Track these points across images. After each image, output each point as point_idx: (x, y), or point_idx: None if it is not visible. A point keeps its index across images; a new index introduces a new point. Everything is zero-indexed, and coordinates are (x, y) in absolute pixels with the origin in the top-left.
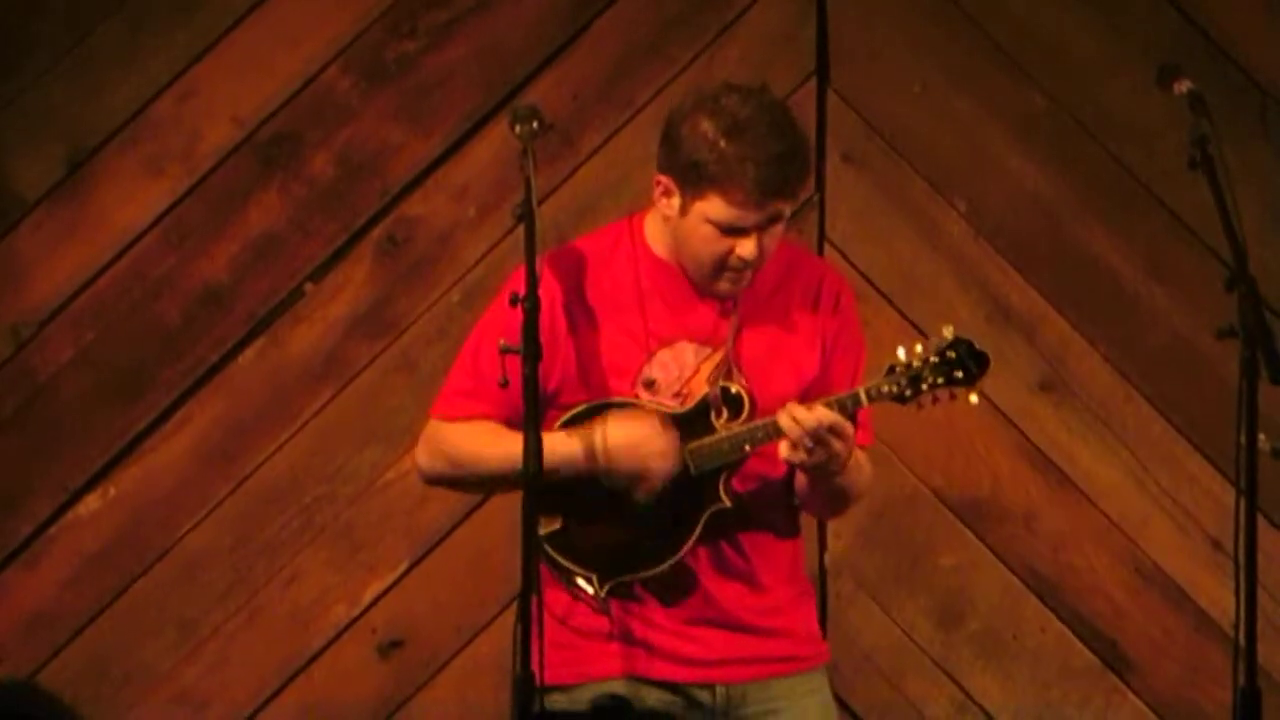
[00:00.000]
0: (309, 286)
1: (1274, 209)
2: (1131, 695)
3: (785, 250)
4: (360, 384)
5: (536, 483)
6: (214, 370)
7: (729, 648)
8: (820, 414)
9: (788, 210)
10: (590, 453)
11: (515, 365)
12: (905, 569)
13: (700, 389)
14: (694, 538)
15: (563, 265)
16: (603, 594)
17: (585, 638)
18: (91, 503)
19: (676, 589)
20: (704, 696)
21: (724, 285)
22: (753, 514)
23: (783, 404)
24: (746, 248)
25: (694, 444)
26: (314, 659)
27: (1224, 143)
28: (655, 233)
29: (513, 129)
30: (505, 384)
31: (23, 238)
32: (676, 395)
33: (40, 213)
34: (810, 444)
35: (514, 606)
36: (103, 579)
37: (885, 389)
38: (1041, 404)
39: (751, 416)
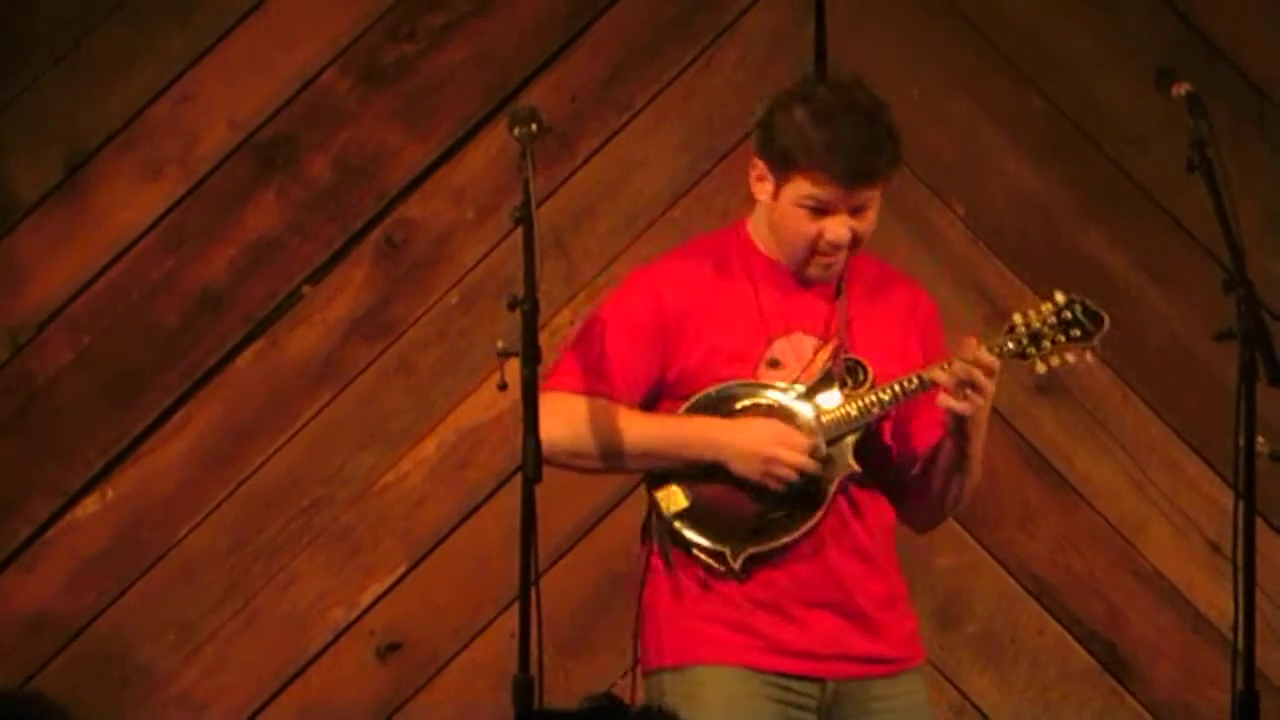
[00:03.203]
0: (307, 289)
1: (1272, 212)
2: (1129, 698)
3: (880, 266)
4: (359, 386)
5: (536, 482)
6: (212, 373)
7: (841, 640)
8: (979, 355)
9: (874, 196)
10: (719, 451)
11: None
12: (903, 571)
13: (813, 370)
14: (827, 503)
15: (678, 263)
16: (737, 566)
17: (704, 621)
18: (90, 505)
19: (804, 567)
20: (812, 690)
21: (816, 269)
22: (876, 489)
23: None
24: (834, 230)
25: (824, 412)
26: (312, 662)
27: (1222, 145)
28: (759, 231)
29: (511, 131)
30: (504, 386)
31: (20, 240)
32: (812, 375)
33: (38, 215)
34: (969, 391)
35: (513, 609)
36: (101, 581)
37: (1010, 345)
38: (1039, 406)
39: (872, 385)
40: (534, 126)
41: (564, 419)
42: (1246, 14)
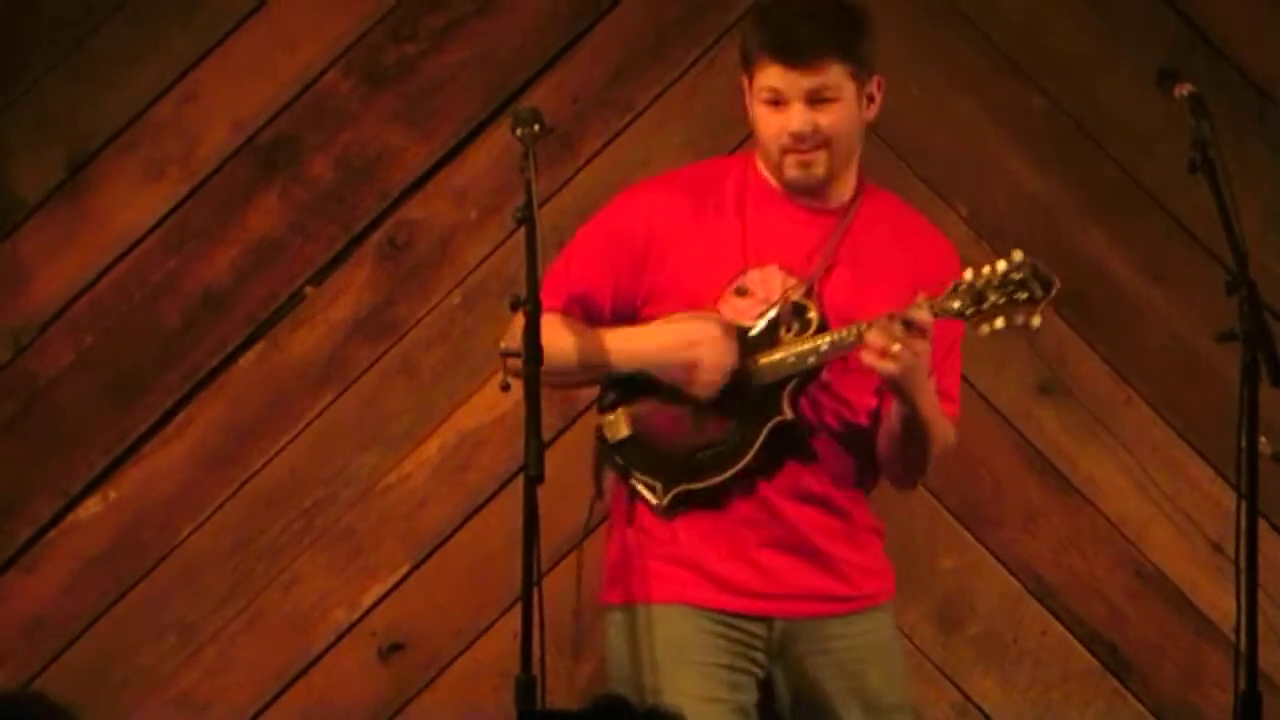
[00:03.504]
0: (309, 290)
1: (1274, 212)
2: (1132, 698)
3: (904, 211)
4: (361, 387)
5: (539, 483)
6: (214, 373)
7: (791, 577)
8: (911, 312)
9: (833, 85)
10: (644, 351)
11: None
12: (905, 572)
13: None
14: (755, 449)
15: (676, 181)
16: (664, 502)
17: (649, 558)
18: (91, 506)
19: (746, 507)
20: (759, 629)
21: (791, 170)
22: (831, 436)
23: None
24: (793, 120)
25: (760, 356)
26: (314, 663)
27: (1224, 146)
28: (761, 157)
29: (514, 132)
30: (507, 387)
31: (22, 241)
32: (759, 315)
33: (40, 216)
34: (896, 348)
35: (516, 609)
36: (102, 583)
37: (954, 304)
38: (1041, 407)
39: (816, 332)
40: (536, 127)
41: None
42: (1248, 14)
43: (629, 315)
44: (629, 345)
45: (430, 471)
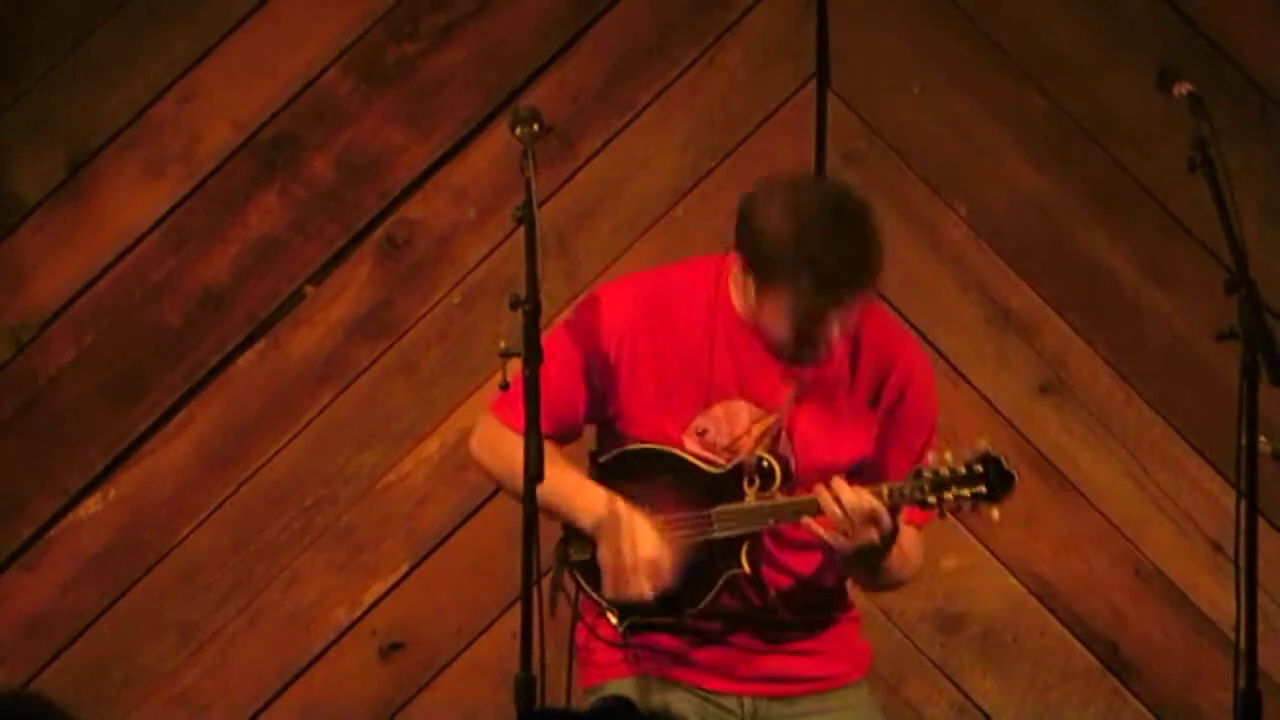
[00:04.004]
0: (309, 289)
1: (1274, 211)
2: (1132, 698)
3: (870, 324)
4: (360, 386)
5: (538, 482)
6: (214, 372)
7: (759, 661)
8: (862, 497)
9: (861, 297)
10: (595, 532)
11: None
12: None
13: (747, 449)
14: (710, 596)
15: (646, 295)
16: (622, 628)
17: (611, 646)
18: (92, 505)
19: (707, 627)
20: (730, 704)
21: (790, 353)
22: (789, 574)
23: (827, 479)
24: (821, 330)
25: (722, 507)
26: (314, 661)
27: (1224, 145)
28: (737, 293)
29: (513, 131)
30: (506, 386)
31: (23, 240)
32: (726, 450)
33: (40, 215)
34: (847, 527)
35: (515, 608)
36: (103, 581)
37: (907, 491)
38: (1042, 406)
39: (782, 489)
40: (536, 126)
41: (492, 453)
42: (1248, 13)
43: (599, 418)
44: (585, 519)
45: (430, 471)
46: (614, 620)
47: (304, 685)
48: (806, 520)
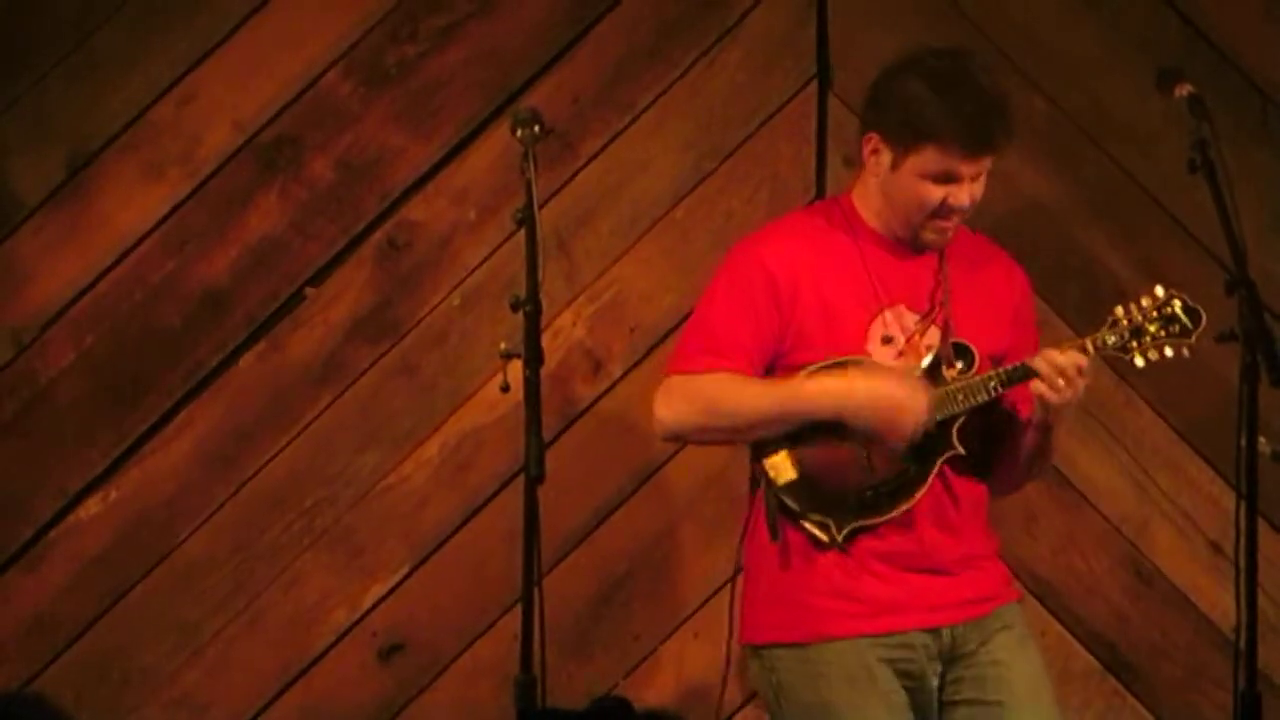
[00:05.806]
0: (309, 290)
1: (1274, 212)
2: (1132, 698)
3: (974, 235)
4: (360, 388)
5: (539, 483)
6: (214, 374)
7: (935, 593)
8: (1073, 356)
9: (991, 163)
10: (843, 402)
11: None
12: None
13: (919, 347)
14: (929, 483)
15: (787, 231)
16: (840, 539)
17: (812, 594)
18: (92, 506)
19: (900, 536)
20: (927, 640)
21: (930, 235)
22: (970, 466)
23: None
24: (959, 196)
25: (945, 387)
26: (314, 663)
27: (1224, 146)
28: (865, 205)
29: (513, 133)
30: (506, 389)
31: (23, 241)
32: (900, 354)
33: (41, 216)
34: (1062, 383)
35: (515, 610)
36: (103, 583)
37: (1110, 340)
38: None
39: (979, 368)
40: (536, 128)
41: (687, 400)
42: (1248, 15)
43: (773, 362)
44: (825, 399)
45: (430, 472)
46: (827, 535)
47: (304, 687)
48: (1034, 381)
